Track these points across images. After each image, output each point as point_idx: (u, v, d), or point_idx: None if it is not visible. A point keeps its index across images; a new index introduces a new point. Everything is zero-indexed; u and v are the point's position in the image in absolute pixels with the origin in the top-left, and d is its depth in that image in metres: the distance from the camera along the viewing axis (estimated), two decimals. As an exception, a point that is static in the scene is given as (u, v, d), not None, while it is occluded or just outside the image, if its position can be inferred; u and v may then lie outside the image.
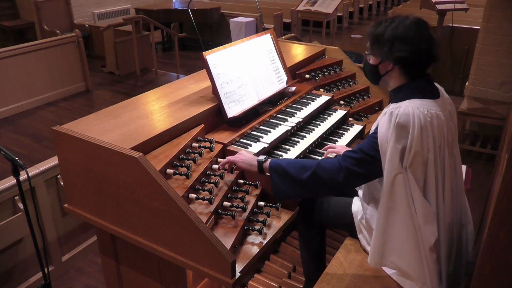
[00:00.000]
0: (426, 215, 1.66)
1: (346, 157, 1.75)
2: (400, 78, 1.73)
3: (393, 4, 13.39)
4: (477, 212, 2.96)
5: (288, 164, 1.81)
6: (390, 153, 1.62)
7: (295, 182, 1.79)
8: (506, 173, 1.24)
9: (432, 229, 1.67)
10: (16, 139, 4.94)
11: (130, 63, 7.07)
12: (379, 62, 1.74)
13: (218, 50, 2.18)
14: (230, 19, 8.09)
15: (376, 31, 1.71)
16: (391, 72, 1.73)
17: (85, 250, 3.01)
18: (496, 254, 1.34)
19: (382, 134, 1.65)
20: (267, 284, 2.48)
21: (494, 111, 4.15)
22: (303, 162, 1.83)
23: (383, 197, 1.69)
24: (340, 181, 1.75)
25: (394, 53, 1.65)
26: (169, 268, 1.81)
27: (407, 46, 1.63)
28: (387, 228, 1.72)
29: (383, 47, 1.68)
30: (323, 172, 1.76)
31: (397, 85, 1.75)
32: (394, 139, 1.61)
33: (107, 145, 1.63)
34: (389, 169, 1.64)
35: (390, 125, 1.62)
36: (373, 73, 1.79)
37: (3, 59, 5.34)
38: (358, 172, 1.72)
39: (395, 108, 1.63)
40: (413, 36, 1.63)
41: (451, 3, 5.32)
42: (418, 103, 1.64)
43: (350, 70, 3.13)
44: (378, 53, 1.72)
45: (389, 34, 1.66)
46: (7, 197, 2.46)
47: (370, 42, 1.75)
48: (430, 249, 1.68)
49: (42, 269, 2.09)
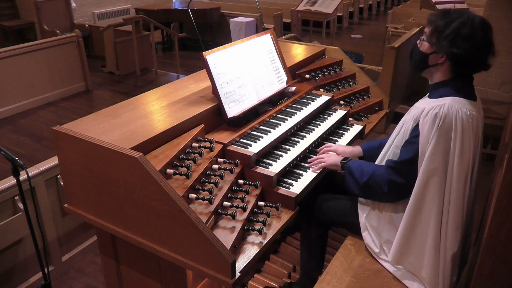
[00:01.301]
0: (458, 222, 1.64)
1: (388, 168, 1.76)
2: (446, 73, 1.69)
3: (393, 4, 13.39)
4: (477, 212, 2.96)
5: (357, 167, 1.89)
6: (430, 154, 1.60)
7: (357, 185, 1.87)
8: (506, 173, 1.24)
9: (458, 236, 1.66)
10: (16, 139, 4.94)
11: (130, 63, 7.07)
12: (432, 51, 1.69)
13: (218, 50, 2.18)
14: (230, 19, 8.09)
15: (441, 20, 1.65)
16: (440, 66, 1.69)
17: (85, 250, 3.01)
18: (496, 254, 1.34)
19: (424, 135, 1.62)
20: (267, 284, 2.48)
21: (494, 111, 4.16)
22: (365, 167, 1.85)
23: (413, 197, 1.67)
24: (386, 192, 1.76)
25: (453, 48, 1.60)
26: (169, 268, 1.81)
27: (469, 46, 1.58)
28: (412, 228, 1.70)
29: (444, 39, 1.62)
30: (373, 182, 1.79)
31: (441, 80, 1.71)
32: (436, 141, 1.58)
33: (107, 145, 1.63)
34: (426, 170, 1.62)
35: (434, 126, 1.59)
36: (421, 61, 1.74)
37: (3, 59, 5.34)
38: (399, 182, 1.72)
39: (438, 107, 1.59)
40: (477, 37, 1.59)
41: (451, 3, 5.32)
42: (461, 103, 1.61)
43: (350, 70, 3.13)
44: (436, 43, 1.66)
45: (454, 28, 1.60)
46: (7, 197, 2.45)
47: (431, 30, 1.68)
48: (452, 256, 1.66)
49: (42, 269, 2.09)
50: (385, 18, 10.81)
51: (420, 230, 1.69)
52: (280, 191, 1.89)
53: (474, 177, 1.71)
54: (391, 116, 5.01)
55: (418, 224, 1.69)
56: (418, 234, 1.70)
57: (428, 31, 1.70)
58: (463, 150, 1.59)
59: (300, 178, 2.01)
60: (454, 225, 1.64)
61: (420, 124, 1.63)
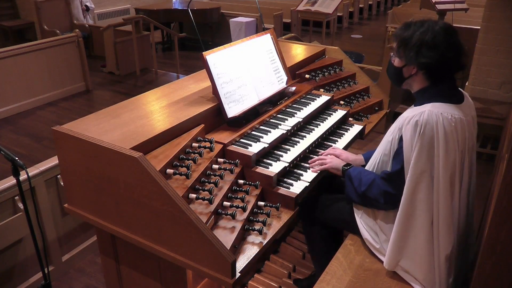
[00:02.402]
0: (448, 224, 1.66)
1: (382, 179, 1.78)
2: (423, 82, 1.71)
3: (393, 4, 13.39)
4: (477, 212, 2.96)
5: (356, 175, 1.89)
6: (415, 161, 1.61)
7: (356, 193, 1.88)
8: (506, 173, 1.24)
9: (451, 238, 1.67)
10: (16, 139, 4.94)
11: (130, 63, 7.07)
12: (403, 65, 1.72)
13: (218, 50, 2.18)
14: (230, 19, 8.09)
15: (404, 34, 1.68)
16: (415, 76, 1.72)
17: (85, 250, 3.01)
18: (496, 254, 1.34)
19: (407, 143, 1.64)
20: (267, 284, 2.48)
21: (494, 111, 4.15)
22: (364, 176, 1.86)
23: (403, 203, 1.68)
24: (382, 203, 1.79)
25: (419, 58, 1.63)
26: (169, 268, 1.81)
27: (434, 53, 1.61)
28: (405, 233, 1.72)
29: (409, 51, 1.66)
30: (370, 193, 1.81)
31: (420, 88, 1.73)
32: (419, 148, 1.60)
33: (107, 145, 1.63)
34: (412, 177, 1.63)
35: (415, 134, 1.61)
36: (397, 75, 1.77)
37: (3, 59, 5.34)
38: (393, 193, 1.74)
39: (419, 115, 1.61)
40: (440, 43, 1.61)
41: (451, 3, 5.32)
42: (442, 108, 1.62)
43: (350, 70, 3.13)
44: (404, 56, 1.70)
45: (417, 38, 1.63)
46: (7, 197, 2.45)
47: (397, 44, 1.72)
48: (446, 257, 1.68)
49: (42, 269, 2.09)
50: (385, 18, 10.80)
51: (413, 235, 1.71)
52: (280, 191, 1.89)
53: (467, 177, 1.72)
54: (391, 116, 5.00)
55: (410, 230, 1.71)
56: (411, 239, 1.71)
57: (396, 46, 1.74)
58: (447, 154, 1.60)
59: (300, 178, 2.01)
60: (445, 228, 1.66)
61: (403, 133, 1.66)
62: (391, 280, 1.83)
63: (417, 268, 1.73)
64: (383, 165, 1.83)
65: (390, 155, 1.77)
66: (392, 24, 8.28)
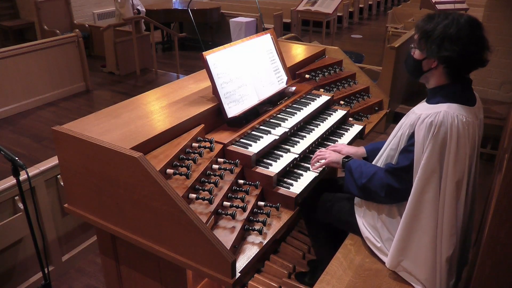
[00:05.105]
0: (451, 226, 1.65)
1: (386, 172, 1.77)
2: (442, 77, 1.69)
3: (393, 4, 13.39)
4: (477, 212, 2.96)
5: (356, 167, 1.89)
6: (426, 162, 1.60)
7: (356, 185, 1.87)
8: (506, 173, 1.24)
9: (453, 240, 1.67)
10: (16, 139, 4.94)
11: (130, 63, 7.07)
12: (424, 57, 1.69)
13: (218, 50, 2.18)
14: (230, 19, 8.09)
15: (426, 26, 1.65)
16: (434, 70, 1.69)
17: (85, 250, 3.01)
18: (496, 254, 1.34)
19: (419, 143, 1.62)
20: (267, 284, 2.48)
21: (494, 111, 4.16)
22: (365, 168, 1.86)
23: (410, 202, 1.68)
24: (383, 196, 1.78)
25: (441, 52, 1.60)
26: (169, 268, 1.81)
27: (456, 47, 1.57)
28: (410, 234, 1.72)
29: (431, 43, 1.62)
30: (371, 185, 1.80)
31: (438, 85, 1.71)
32: (431, 148, 1.59)
33: (107, 145, 1.63)
34: (422, 177, 1.62)
35: (429, 134, 1.59)
36: (416, 68, 1.74)
37: (3, 59, 5.34)
38: (396, 187, 1.74)
39: (434, 115, 1.59)
40: (464, 36, 1.57)
41: (451, 3, 5.32)
42: (457, 110, 1.60)
43: (350, 70, 3.13)
44: (425, 49, 1.66)
45: (440, 31, 1.60)
46: (7, 197, 2.45)
47: (418, 36, 1.69)
48: (447, 259, 1.68)
49: (42, 269, 2.09)
50: (385, 18, 10.82)
51: (418, 236, 1.70)
52: (280, 191, 1.89)
53: (472, 181, 1.72)
54: (391, 116, 5.01)
55: (415, 231, 1.70)
56: (416, 240, 1.71)
57: (417, 38, 1.71)
58: (458, 157, 1.60)
59: (300, 178, 2.01)
60: (448, 230, 1.66)
61: (416, 132, 1.64)
62: (391, 280, 1.83)
63: (419, 269, 1.73)
64: (388, 159, 1.81)
65: (398, 149, 1.75)
66: (392, 24, 8.28)
